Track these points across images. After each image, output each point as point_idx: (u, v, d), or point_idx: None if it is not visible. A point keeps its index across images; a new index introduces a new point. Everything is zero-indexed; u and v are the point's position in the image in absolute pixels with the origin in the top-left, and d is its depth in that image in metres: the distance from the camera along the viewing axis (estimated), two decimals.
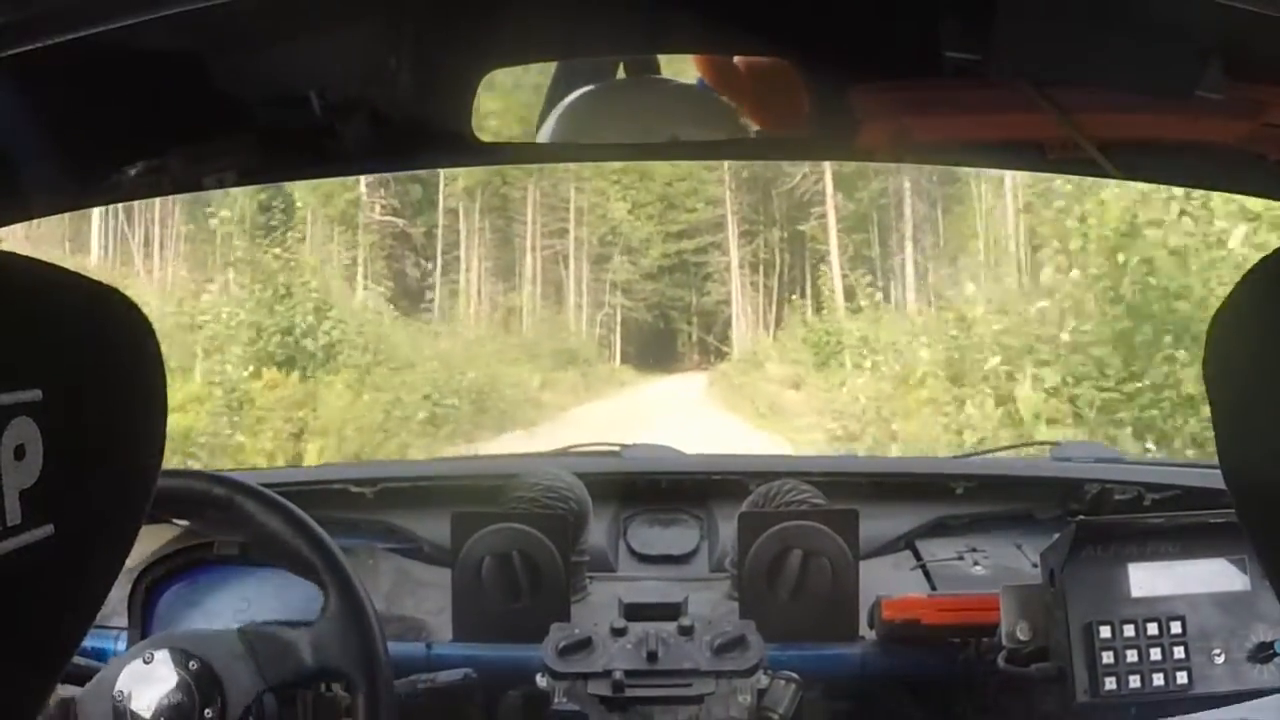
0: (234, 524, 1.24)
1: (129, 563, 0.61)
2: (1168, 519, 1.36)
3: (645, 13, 1.07)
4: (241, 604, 1.31)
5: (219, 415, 9.37)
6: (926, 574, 1.64)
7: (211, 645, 1.12)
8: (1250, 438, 0.59)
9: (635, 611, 1.39)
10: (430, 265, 17.27)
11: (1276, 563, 0.60)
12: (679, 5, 1.04)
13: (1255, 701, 1.25)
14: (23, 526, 0.50)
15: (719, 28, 1.09)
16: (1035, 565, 1.48)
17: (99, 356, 0.56)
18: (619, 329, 19.33)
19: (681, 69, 1.26)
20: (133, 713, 1.08)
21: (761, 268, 19.19)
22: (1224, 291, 0.60)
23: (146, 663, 1.10)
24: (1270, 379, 0.56)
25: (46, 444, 0.51)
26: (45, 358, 0.52)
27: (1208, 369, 0.62)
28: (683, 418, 11.79)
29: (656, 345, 19.22)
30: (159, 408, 0.60)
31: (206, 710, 1.09)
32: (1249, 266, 0.60)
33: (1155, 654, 1.27)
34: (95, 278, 0.58)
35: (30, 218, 1.10)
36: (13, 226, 1.12)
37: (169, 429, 0.61)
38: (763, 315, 18.77)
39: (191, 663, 1.09)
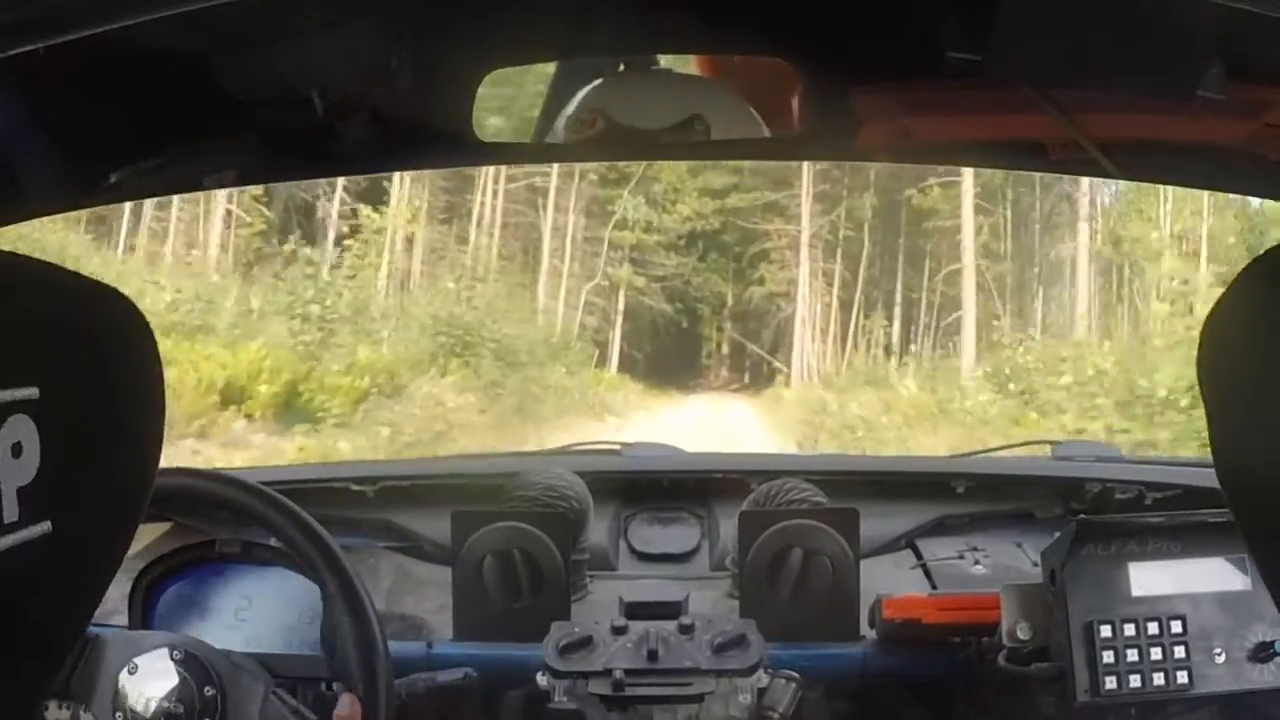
0: (236, 522, 1.25)
1: (129, 561, 0.61)
2: (1168, 518, 1.36)
3: (645, 13, 1.07)
4: (242, 602, 1.31)
5: None
6: (927, 573, 1.64)
7: (232, 675, 1.12)
8: (1244, 438, 0.59)
9: (636, 610, 1.39)
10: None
11: (1271, 562, 0.60)
12: (679, 5, 1.04)
13: None
14: (20, 524, 0.50)
15: (719, 28, 1.09)
16: (1036, 564, 1.49)
17: (96, 355, 0.57)
18: (619, 318, 13.51)
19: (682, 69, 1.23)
20: (132, 708, 1.09)
21: (839, 252, 13.12)
22: None
23: (173, 660, 1.10)
24: (1264, 379, 0.56)
25: (44, 442, 0.51)
26: (42, 356, 0.53)
27: (1202, 369, 0.62)
28: None
29: (673, 350, 13.75)
30: (156, 405, 0.60)
31: (206, 689, 1.09)
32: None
33: (1156, 653, 1.27)
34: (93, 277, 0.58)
35: (30, 217, 1.10)
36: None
37: None
38: (835, 326, 13.23)
39: (207, 689, 1.10)
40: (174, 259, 11.92)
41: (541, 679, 1.30)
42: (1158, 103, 0.99)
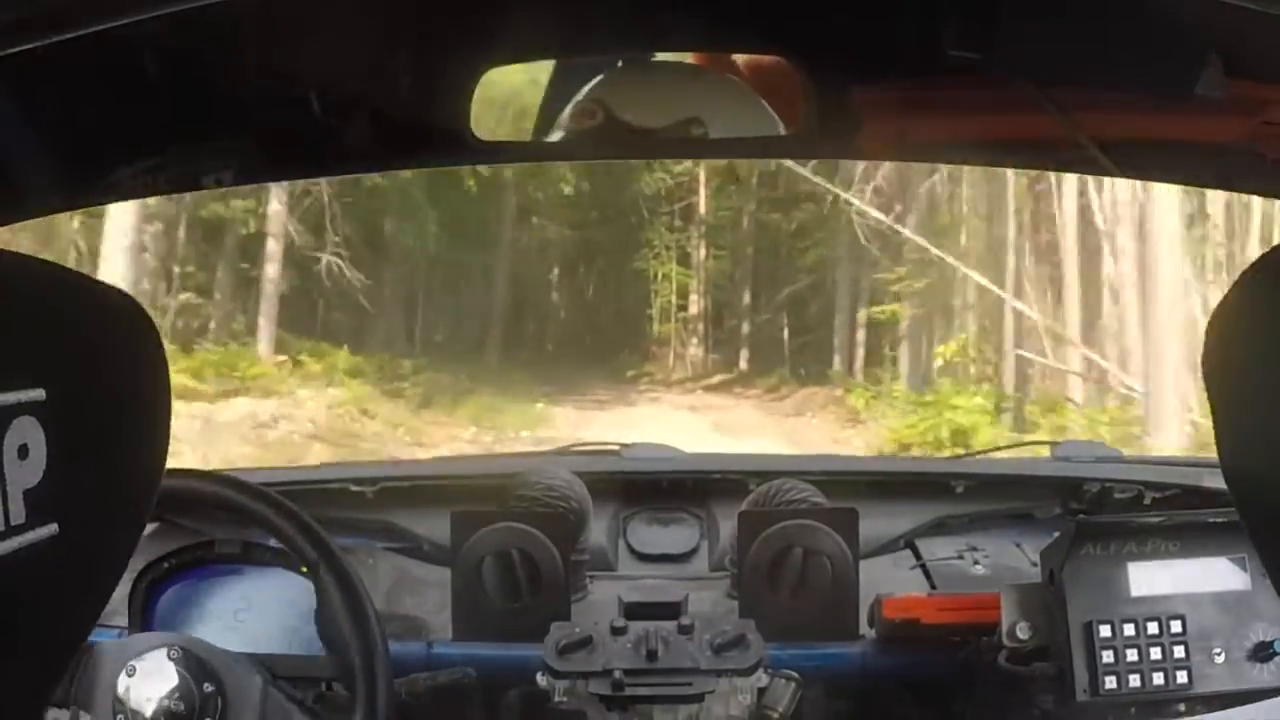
0: (236, 523, 1.25)
1: (129, 561, 0.61)
2: (1168, 518, 1.36)
3: (645, 12, 1.06)
4: (242, 603, 1.31)
5: None
6: (926, 573, 1.64)
7: (229, 669, 1.12)
8: (1251, 435, 0.59)
9: (635, 610, 1.39)
10: None
11: (1277, 560, 0.60)
12: (679, 5, 1.04)
13: (1267, 703, 1.24)
14: (26, 525, 0.50)
15: (719, 27, 1.09)
16: (1035, 564, 1.49)
17: (102, 356, 0.57)
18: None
19: None
20: (134, 710, 1.09)
21: None
22: None
23: (170, 659, 1.10)
24: (1270, 376, 0.56)
25: (50, 443, 0.51)
26: (49, 358, 0.53)
27: (1207, 366, 0.62)
28: None
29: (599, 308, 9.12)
30: (162, 407, 0.60)
31: (205, 685, 1.09)
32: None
33: (1155, 653, 1.27)
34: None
35: (30, 217, 1.10)
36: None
37: None
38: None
39: (206, 685, 1.10)
40: None
41: (541, 679, 1.30)
42: (1158, 102, 0.99)
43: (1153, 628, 1.27)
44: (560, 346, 9.97)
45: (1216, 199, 9.25)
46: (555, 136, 1.19)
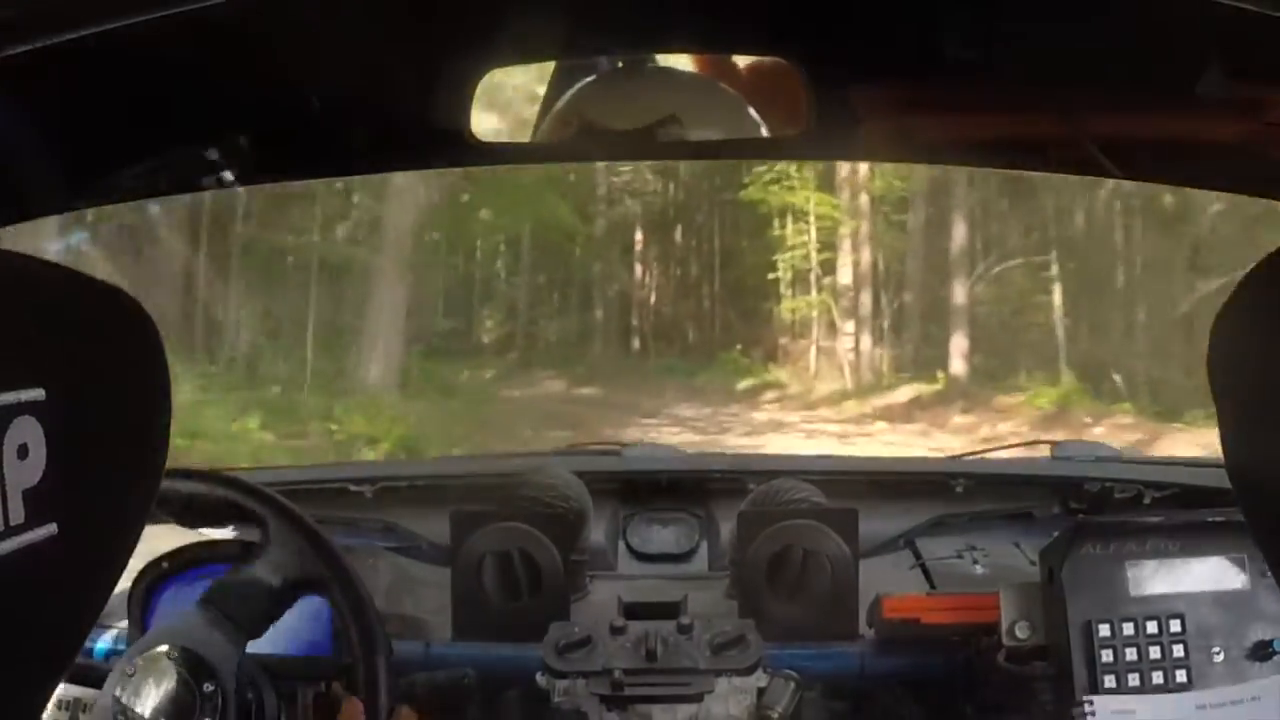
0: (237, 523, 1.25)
1: (129, 561, 0.61)
2: (1167, 517, 1.36)
3: (645, 13, 1.06)
4: None
5: None
6: (926, 572, 1.64)
7: (182, 627, 1.12)
8: (1256, 435, 0.59)
9: (634, 610, 1.39)
10: None
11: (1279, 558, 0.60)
12: (679, 7, 1.04)
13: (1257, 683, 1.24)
14: (26, 526, 0.50)
15: (719, 27, 1.09)
16: (1034, 564, 1.49)
17: (102, 356, 0.57)
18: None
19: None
20: (132, 710, 1.09)
21: None
22: None
23: (145, 661, 1.10)
24: (1275, 375, 0.56)
25: (50, 443, 0.51)
26: (48, 357, 0.53)
27: (1212, 366, 0.62)
28: None
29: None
30: (162, 407, 0.60)
31: (205, 685, 1.09)
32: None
33: (1154, 652, 1.27)
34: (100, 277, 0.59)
35: (30, 217, 1.10)
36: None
37: None
38: None
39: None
40: None
41: (540, 679, 1.30)
42: (1158, 102, 0.99)
43: (1152, 627, 1.27)
44: (652, 341, 7.22)
45: None
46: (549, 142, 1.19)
